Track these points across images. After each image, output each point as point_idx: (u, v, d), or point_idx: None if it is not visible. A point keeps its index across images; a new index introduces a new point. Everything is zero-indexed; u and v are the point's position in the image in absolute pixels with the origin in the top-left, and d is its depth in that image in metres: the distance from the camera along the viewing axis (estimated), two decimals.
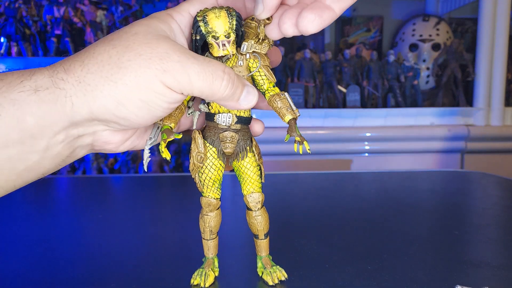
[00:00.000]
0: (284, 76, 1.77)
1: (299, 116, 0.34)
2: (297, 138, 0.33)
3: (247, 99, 0.32)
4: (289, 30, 0.30)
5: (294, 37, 2.08)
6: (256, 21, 0.34)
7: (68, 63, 0.28)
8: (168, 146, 1.80)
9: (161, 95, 0.28)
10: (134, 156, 1.81)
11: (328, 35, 2.04)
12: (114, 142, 0.32)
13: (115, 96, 0.27)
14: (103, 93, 0.27)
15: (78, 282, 0.39)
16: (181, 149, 1.83)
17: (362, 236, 0.50)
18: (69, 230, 0.55)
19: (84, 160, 1.79)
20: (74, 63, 0.28)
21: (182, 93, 0.29)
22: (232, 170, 0.37)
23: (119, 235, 0.53)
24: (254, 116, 0.37)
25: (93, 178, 0.88)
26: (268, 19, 0.32)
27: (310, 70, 1.75)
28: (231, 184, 0.80)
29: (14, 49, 1.74)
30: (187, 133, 0.38)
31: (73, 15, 1.79)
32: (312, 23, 0.29)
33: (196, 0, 0.33)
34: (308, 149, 0.33)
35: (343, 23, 2.00)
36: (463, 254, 0.44)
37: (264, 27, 0.33)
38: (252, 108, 0.34)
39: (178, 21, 0.32)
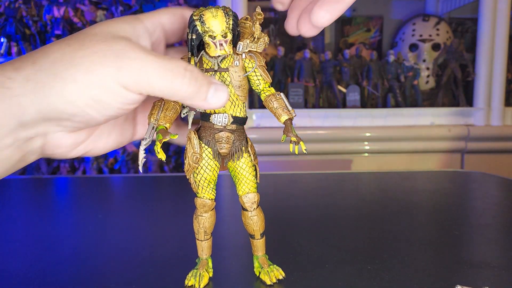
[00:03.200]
0: (284, 76, 1.77)
1: (295, 116, 0.34)
2: (293, 139, 0.33)
3: (216, 97, 0.30)
4: (309, 32, 0.32)
5: (294, 37, 2.08)
6: (250, 21, 0.34)
7: (19, 62, 0.27)
8: (168, 146, 1.80)
9: (115, 95, 0.27)
10: (134, 156, 1.81)
11: (328, 35, 2.04)
12: (66, 146, 0.30)
13: (63, 93, 0.26)
14: (52, 90, 0.26)
15: (78, 282, 0.38)
16: (181, 149, 1.83)
17: (362, 236, 0.50)
18: (69, 230, 0.55)
19: (84, 160, 1.79)
20: (26, 61, 0.27)
21: (141, 93, 0.28)
22: (227, 171, 0.37)
23: (119, 235, 0.53)
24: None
25: (93, 178, 0.88)
26: (259, 14, 0.33)
27: (310, 70, 1.75)
28: (226, 184, 0.79)
29: (14, 49, 1.74)
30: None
31: (73, 15, 1.79)
32: (323, 18, 0.30)
33: (166, 10, 0.32)
34: (304, 150, 0.33)
35: (343, 23, 2.00)
36: (463, 254, 0.44)
37: (258, 24, 0.33)
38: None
39: (147, 24, 0.31)
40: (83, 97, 0.26)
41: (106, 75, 0.26)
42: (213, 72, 0.33)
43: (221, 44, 0.32)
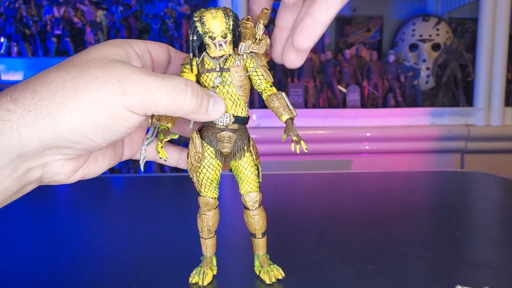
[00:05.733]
0: (284, 76, 1.77)
1: (296, 115, 0.34)
2: (294, 138, 0.33)
3: (216, 109, 0.31)
4: (293, 64, 0.33)
5: None
6: (251, 21, 0.34)
7: (16, 92, 0.26)
8: None
9: (121, 120, 0.27)
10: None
11: (328, 35, 2.04)
12: (65, 173, 0.30)
13: (69, 122, 0.26)
14: (57, 119, 0.26)
15: (78, 282, 0.38)
16: None
17: (362, 236, 0.50)
18: (69, 230, 0.55)
19: None
20: (24, 91, 0.26)
21: (145, 114, 0.28)
22: (231, 170, 0.37)
23: (119, 235, 0.53)
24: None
25: (93, 178, 0.88)
26: (266, 11, 0.33)
27: (310, 70, 1.75)
28: (230, 183, 0.79)
29: (14, 49, 1.74)
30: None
31: (73, 15, 1.79)
32: (300, 44, 0.32)
33: (152, 42, 0.33)
34: (305, 149, 0.33)
35: (343, 23, 2.00)
36: (463, 254, 0.44)
37: (262, 24, 0.33)
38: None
39: (136, 49, 0.31)
40: (89, 124, 0.26)
41: (112, 100, 0.26)
42: (216, 72, 0.33)
43: (220, 45, 0.32)
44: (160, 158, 0.32)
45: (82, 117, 0.26)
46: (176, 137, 0.33)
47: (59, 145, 0.27)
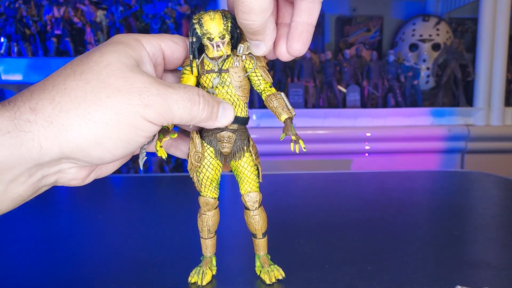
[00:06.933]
0: (284, 76, 1.77)
1: (294, 115, 0.35)
2: (293, 137, 0.34)
3: (224, 116, 0.32)
4: (286, 59, 0.33)
5: None
6: None
7: (34, 101, 0.26)
8: None
9: (141, 131, 0.28)
10: (134, 156, 1.81)
11: (328, 35, 2.04)
12: (80, 178, 0.31)
13: (93, 135, 0.26)
14: (80, 133, 0.26)
15: (78, 282, 0.38)
16: None
17: (362, 236, 0.50)
18: (69, 230, 0.55)
19: None
20: (43, 101, 0.26)
21: (162, 124, 0.29)
22: (231, 171, 0.37)
23: (119, 235, 0.53)
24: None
25: None
26: None
27: (310, 70, 1.75)
28: (230, 183, 0.80)
29: (14, 49, 1.74)
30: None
31: (73, 15, 1.79)
32: (300, 51, 0.32)
33: (168, 38, 0.33)
34: (304, 148, 0.33)
35: (343, 23, 2.00)
36: (463, 254, 0.44)
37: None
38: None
39: (147, 48, 0.31)
40: (112, 138, 0.27)
41: (134, 113, 0.27)
42: (215, 73, 0.34)
43: (217, 46, 0.33)
44: (160, 157, 0.32)
45: (105, 130, 0.27)
46: (175, 136, 0.33)
47: (77, 157, 0.27)
